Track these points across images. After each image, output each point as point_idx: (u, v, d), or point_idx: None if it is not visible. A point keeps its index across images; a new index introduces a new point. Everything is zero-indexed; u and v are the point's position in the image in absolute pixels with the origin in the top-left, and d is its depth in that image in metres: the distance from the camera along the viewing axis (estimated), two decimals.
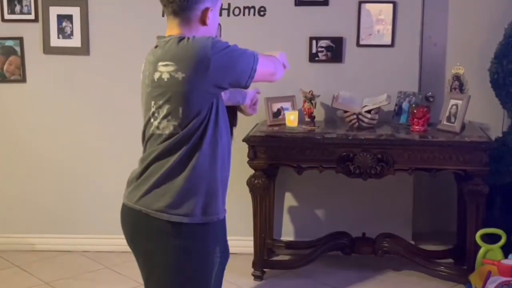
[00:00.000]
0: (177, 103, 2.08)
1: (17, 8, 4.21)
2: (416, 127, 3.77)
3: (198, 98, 2.07)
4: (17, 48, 4.26)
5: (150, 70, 2.15)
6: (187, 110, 2.07)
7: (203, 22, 2.19)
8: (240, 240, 3.97)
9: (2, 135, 4.33)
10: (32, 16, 4.21)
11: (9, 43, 4.26)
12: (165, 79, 2.08)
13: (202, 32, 2.19)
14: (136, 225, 2.20)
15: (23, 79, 4.28)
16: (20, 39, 4.24)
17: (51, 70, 4.28)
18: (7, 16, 4.22)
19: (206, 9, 2.18)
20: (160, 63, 2.10)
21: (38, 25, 4.23)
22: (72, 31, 4.20)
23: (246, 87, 2.22)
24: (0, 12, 4.21)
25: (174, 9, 2.17)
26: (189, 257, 2.13)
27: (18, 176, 4.37)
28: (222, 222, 2.34)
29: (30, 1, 4.20)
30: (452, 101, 3.79)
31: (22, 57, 4.26)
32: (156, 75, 2.11)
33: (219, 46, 2.11)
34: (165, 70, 2.08)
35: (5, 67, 4.28)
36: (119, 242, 2.57)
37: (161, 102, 2.11)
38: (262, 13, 4.16)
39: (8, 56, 4.27)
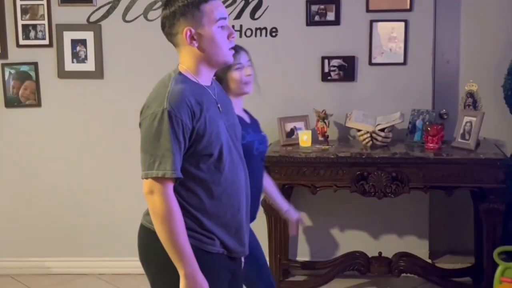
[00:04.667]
0: None
1: (32, 33, 4.27)
2: (431, 144, 3.75)
3: None
4: (32, 73, 4.31)
5: None
6: None
7: (191, 45, 2.11)
8: None
9: (17, 159, 4.36)
10: (46, 41, 4.26)
11: (24, 68, 4.31)
12: None
13: (199, 57, 2.12)
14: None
15: (38, 104, 4.32)
16: (35, 64, 4.29)
17: (65, 94, 4.32)
18: (22, 42, 4.27)
19: (187, 30, 2.08)
20: None
21: (53, 50, 4.28)
22: (86, 56, 4.25)
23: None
24: (15, 37, 4.27)
25: (166, 38, 2.18)
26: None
27: (33, 200, 4.39)
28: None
29: (44, 27, 4.25)
30: (466, 118, 3.78)
31: (37, 81, 4.31)
32: None
33: (147, 112, 2.05)
34: None
35: (20, 92, 4.33)
36: (135, 264, 2.57)
37: None
38: (274, 33, 4.18)
39: (24, 81, 4.32)
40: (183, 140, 2.01)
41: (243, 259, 2.35)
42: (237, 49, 2.53)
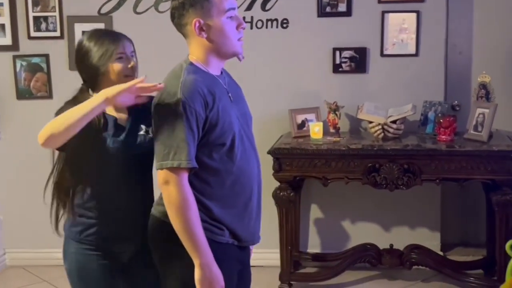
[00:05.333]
0: None
1: (43, 25, 4.27)
2: (443, 136, 3.73)
3: None
4: (43, 65, 4.32)
5: None
6: None
7: (200, 36, 2.10)
8: (267, 253, 3.95)
9: (28, 151, 4.37)
10: (57, 33, 4.27)
11: (35, 60, 4.32)
12: None
13: (208, 47, 2.12)
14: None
15: (49, 95, 4.34)
16: (46, 56, 4.30)
17: (77, 86, 4.31)
18: (33, 34, 4.28)
19: (195, 21, 2.08)
20: None
21: (64, 42, 4.28)
22: None
23: None
24: (26, 29, 4.28)
25: (176, 28, 2.18)
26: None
27: (43, 192, 4.40)
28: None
29: (55, 19, 4.26)
30: (479, 110, 3.75)
31: (48, 73, 4.32)
32: None
33: (161, 103, 2.06)
34: None
35: (32, 84, 4.34)
36: None
37: None
38: (285, 25, 4.16)
39: (35, 73, 4.33)
40: (196, 130, 2.02)
41: (251, 248, 2.35)
42: (119, 36, 2.34)
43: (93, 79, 2.33)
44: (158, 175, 2.04)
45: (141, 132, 2.31)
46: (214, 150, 2.08)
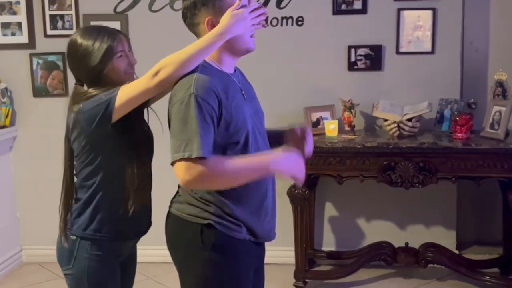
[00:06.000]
0: None
1: (59, 24, 4.30)
2: (459, 134, 3.71)
3: None
4: (60, 63, 4.34)
5: None
6: None
7: None
8: (281, 251, 3.95)
9: (45, 148, 4.41)
10: (73, 32, 4.27)
11: (51, 58, 4.35)
12: None
13: (223, 46, 2.09)
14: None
15: (65, 93, 4.36)
16: (63, 54, 4.32)
17: None
18: (49, 32, 4.31)
19: (208, 20, 2.08)
20: None
21: None
22: None
23: None
24: (42, 28, 4.31)
25: (188, 28, 2.17)
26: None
27: (59, 189, 4.39)
28: None
29: (71, 17, 4.28)
30: (495, 108, 3.73)
31: (65, 71, 4.34)
32: None
33: (174, 99, 2.04)
34: None
35: (48, 82, 4.37)
36: (160, 253, 2.59)
37: None
38: (300, 23, 4.16)
39: (51, 71, 4.36)
40: (211, 122, 1.99)
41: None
42: (116, 33, 2.31)
43: (94, 80, 2.25)
44: (176, 171, 2.00)
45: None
46: (228, 148, 2.07)
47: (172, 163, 1.99)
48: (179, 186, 2.21)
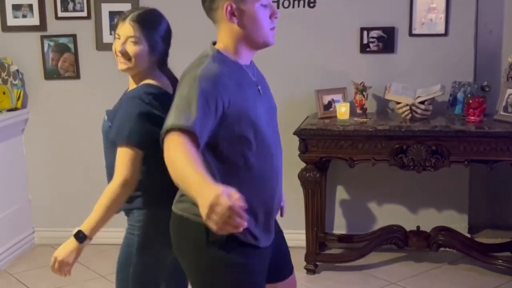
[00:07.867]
0: None
1: (70, 5, 4.29)
2: (472, 117, 3.68)
3: None
4: (71, 45, 4.34)
5: None
6: None
7: (231, 21, 2.01)
8: (292, 234, 3.93)
9: (56, 131, 4.42)
10: (84, 13, 4.28)
11: (63, 40, 4.34)
12: None
13: (238, 34, 2.02)
14: None
15: (77, 76, 4.36)
16: (74, 36, 4.32)
17: (104, 66, 4.33)
18: (60, 14, 4.30)
19: (227, 5, 1.99)
20: None
21: (91, 22, 4.29)
22: None
23: None
24: (53, 10, 4.30)
25: (206, 13, 2.09)
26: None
27: (71, 171, 4.45)
28: None
29: None
30: (509, 91, 3.69)
31: (76, 54, 4.34)
32: None
33: (180, 84, 2.00)
34: None
35: (59, 64, 4.37)
36: None
37: None
38: (312, 4, 4.12)
39: (62, 53, 4.36)
40: (214, 109, 1.91)
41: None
42: (121, 16, 2.41)
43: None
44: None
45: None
46: (239, 143, 2.00)
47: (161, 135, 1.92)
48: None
